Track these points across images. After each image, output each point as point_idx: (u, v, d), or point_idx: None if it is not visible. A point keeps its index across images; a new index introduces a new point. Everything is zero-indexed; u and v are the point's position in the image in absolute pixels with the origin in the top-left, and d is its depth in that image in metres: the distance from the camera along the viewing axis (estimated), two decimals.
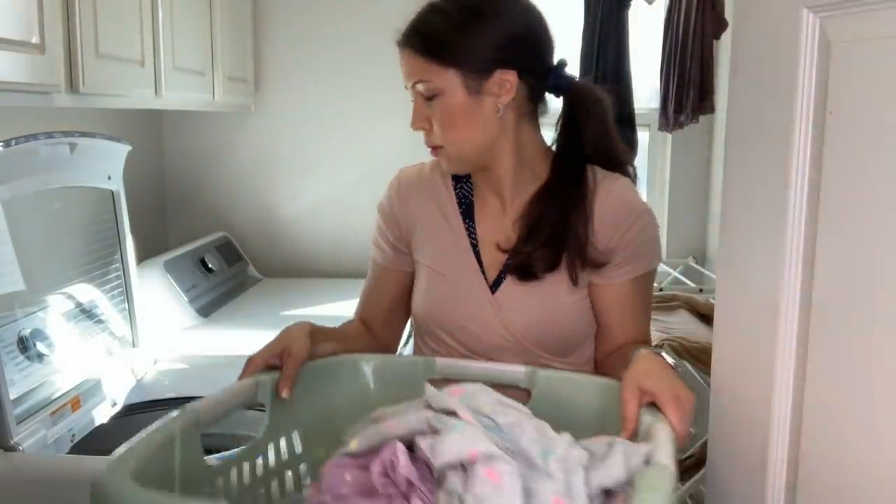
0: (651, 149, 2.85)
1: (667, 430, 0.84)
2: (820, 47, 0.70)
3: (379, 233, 1.29)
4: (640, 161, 2.67)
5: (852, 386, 0.69)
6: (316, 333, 1.09)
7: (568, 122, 1.19)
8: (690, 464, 1.93)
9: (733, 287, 0.85)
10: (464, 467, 0.78)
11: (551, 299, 1.15)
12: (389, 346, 1.32)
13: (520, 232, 1.17)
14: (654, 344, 1.91)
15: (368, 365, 1.11)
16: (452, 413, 0.84)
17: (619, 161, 1.21)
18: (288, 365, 1.01)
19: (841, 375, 0.70)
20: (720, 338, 0.88)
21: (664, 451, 0.79)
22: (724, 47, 2.39)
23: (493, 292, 1.18)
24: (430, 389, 0.94)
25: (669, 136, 2.72)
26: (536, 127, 1.20)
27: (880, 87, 0.64)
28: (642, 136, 2.57)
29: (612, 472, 0.79)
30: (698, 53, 2.14)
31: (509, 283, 1.17)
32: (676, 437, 0.83)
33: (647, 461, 0.79)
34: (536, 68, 1.14)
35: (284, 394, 1.00)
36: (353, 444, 0.87)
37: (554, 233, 1.14)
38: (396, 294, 1.28)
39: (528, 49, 1.12)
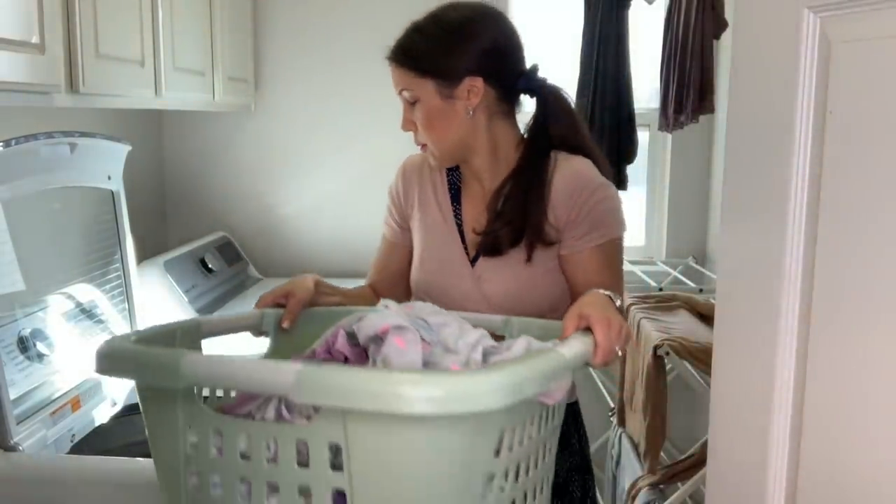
0: (651, 149, 2.85)
1: (584, 339, 0.94)
2: (820, 47, 0.70)
3: (388, 212, 1.47)
4: (640, 161, 2.67)
5: (852, 386, 0.69)
6: (321, 285, 1.27)
7: (537, 118, 1.36)
8: (690, 464, 1.93)
9: (733, 287, 0.85)
10: (382, 339, 0.92)
11: (522, 270, 1.29)
12: None
13: (489, 214, 1.32)
14: (654, 344, 1.91)
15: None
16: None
17: (587, 151, 1.34)
18: (291, 304, 1.19)
19: (841, 375, 0.70)
20: (720, 338, 0.88)
21: (567, 345, 0.90)
22: (724, 47, 2.39)
23: (472, 266, 1.34)
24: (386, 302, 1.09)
25: (669, 136, 2.72)
26: (511, 123, 1.35)
27: (880, 87, 0.64)
28: (642, 136, 2.57)
29: (511, 353, 0.94)
30: (698, 53, 2.13)
31: (483, 259, 1.33)
32: (599, 350, 0.95)
33: None
34: (503, 75, 1.30)
35: (285, 324, 1.18)
36: (315, 344, 1.04)
37: (515, 213, 1.29)
38: (401, 266, 1.44)
39: (493, 59, 1.28)
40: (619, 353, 1.00)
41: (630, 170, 2.49)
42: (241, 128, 2.78)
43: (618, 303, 1.09)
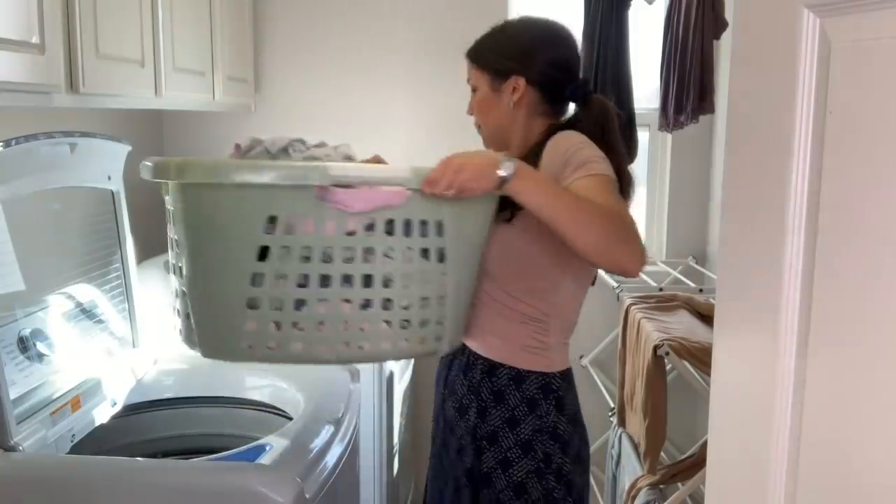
0: (651, 149, 2.85)
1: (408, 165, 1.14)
2: (820, 47, 0.70)
3: None
4: (640, 161, 2.67)
5: (853, 386, 0.69)
6: None
7: (570, 118, 1.51)
8: (690, 464, 1.93)
9: (733, 287, 0.85)
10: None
11: (503, 232, 1.38)
12: None
13: None
14: (654, 344, 1.91)
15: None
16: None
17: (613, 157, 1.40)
18: None
19: (841, 376, 0.70)
20: (720, 338, 0.88)
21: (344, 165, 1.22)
22: (724, 47, 2.39)
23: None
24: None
25: (669, 136, 2.72)
26: (548, 123, 1.50)
27: (880, 87, 0.64)
28: (642, 136, 2.57)
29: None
30: (698, 53, 2.13)
31: (499, 226, 1.38)
32: (425, 173, 1.14)
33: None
34: (546, 80, 1.47)
35: None
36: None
37: None
38: None
39: (538, 66, 1.47)
40: (444, 188, 1.14)
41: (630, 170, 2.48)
42: (241, 128, 2.78)
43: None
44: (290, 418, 1.62)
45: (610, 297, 2.66)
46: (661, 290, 2.42)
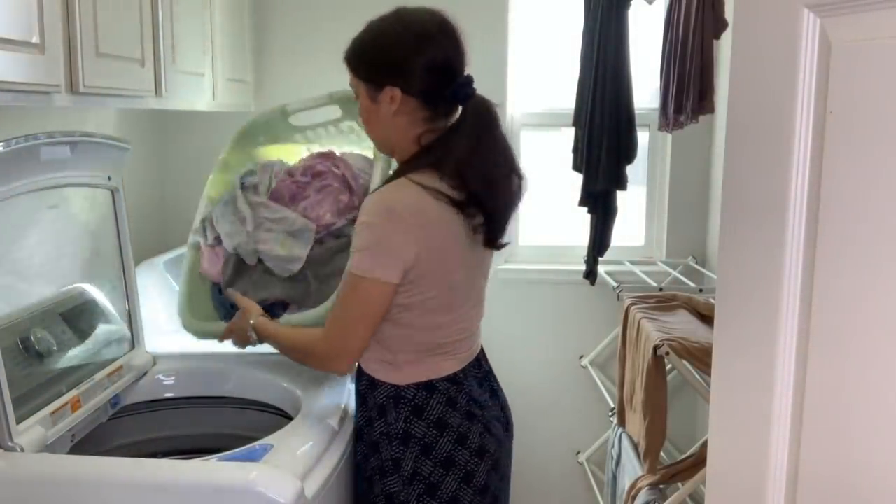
0: (651, 149, 2.85)
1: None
2: (820, 47, 0.70)
3: None
4: (640, 161, 2.66)
5: (852, 386, 0.69)
6: None
7: (450, 129, 1.45)
8: (690, 464, 1.93)
9: (733, 287, 0.85)
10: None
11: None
12: None
13: None
14: (654, 344, 1.91)
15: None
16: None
17: (477, 173, 1.42)
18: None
19: (841, 375, 0.70)
20: (720, 338, 0.88)
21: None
22: (724, 47, 2.39)
23: None
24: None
25: (669, 136, 2.72)
26: (431, 128, 1.46)
27: (880, 87, 0.64)
28: (642, 136, 2.57)
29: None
30: (698, 53, 2.13)
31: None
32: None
33: None
34: (422, 86, 1.42)
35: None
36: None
37: None
38: None
39: (411, 74, 1.42)
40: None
41: (630, 170, 2.49)
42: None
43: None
44: (290, 418, 1.62)
45: (610, 297, 2.66)
46: (661, 290, 2.42)
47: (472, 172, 1.41)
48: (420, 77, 1.42)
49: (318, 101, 1.85)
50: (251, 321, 1.60)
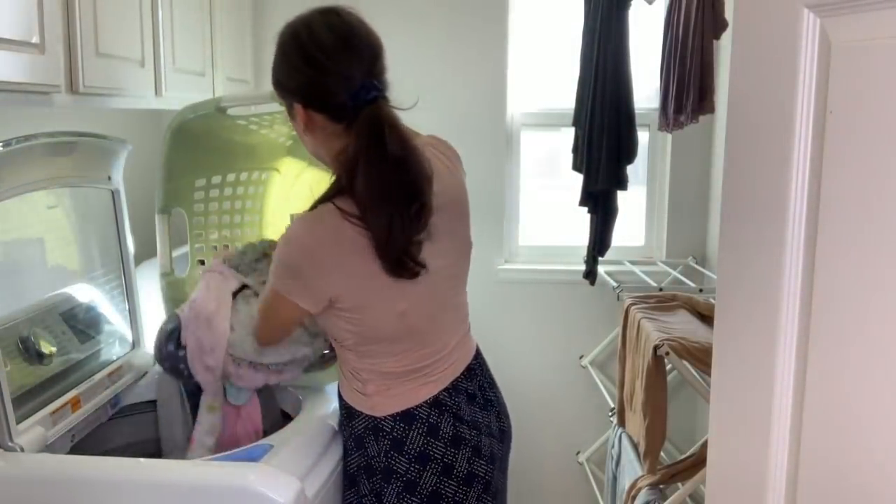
0: (651, 149, 2.85)
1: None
2: (820, 47, 0.70)
3: None
4: (640, 161, 2.66)
5: (852, 386, 0.69)
6: None
7: (348, 150, 1.32)
8: (690, 464, 1.93)
9: (733, 287, 0.85)
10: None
11: None
12: None
13: None
14: (654, 344, 1.91)
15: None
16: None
17: (378, 193, 1.30)
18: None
19: (841, 375, 0.70)
20: (720, 338, 0.88)
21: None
22: (725, 47, 2.39)
23: None
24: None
25: (669, 136, 2.72)
26: (346, 141, 1.33)
27: (880, 87, 0.64)
28: (642, 136, 2.57)
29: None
30: (698, 53, 2.13)
31: None
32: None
33: None
34: (320, 102, 1.35)
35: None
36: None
37: None
38: None
39: (298, 89, 1.37)
40: None
41: (630, 170, 2.48)
42: None
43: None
44: (290, 418, 1.62)
45: (610, 297, 2.66)
46: (661, 290, 2.42)
47: (359, 189, 1.28)
48: (309, 88, 1.35)
49: (258, 100, 1.75)
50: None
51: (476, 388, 1.49)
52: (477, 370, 1.52)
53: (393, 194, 1.29)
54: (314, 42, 1.34)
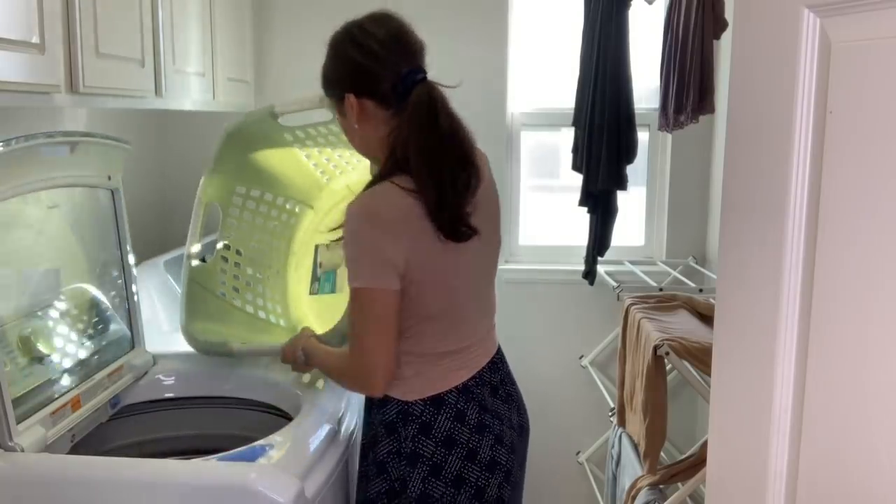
0: (651, 149, 2.85)
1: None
2: (820, 47, 0.70)
3: None
4: (640, 161, 2.67)
5: (852, 386, 0.69)
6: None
7: (400, 127, 1.41)
8: (690, 464, 1.93)
9: (733, 287, 0.85)
10: None
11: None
12: None
13: None
14: (654, 344, 1.91)
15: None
16: None
17: (435, 168, 1.39)
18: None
19: (841, 375, 0.70)
20: (720, 338, 0.88)
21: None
22: (725, 47, 2.39)
23: None
24: None
25: (669, 136, 2.72)
26: (392, 126, 1.43)
27: (880, 87, 0.64)
28: (642, 136, 2.57)
29: None
30: (698, 53, 2.13)
31: None
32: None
33: None
34: (364, 84, 1.43)
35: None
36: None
37: None
38: None
39: (350, 77, 1.45)
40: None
41: (630, 170, 2.49)
42: None
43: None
44: (290, 418, 1.62)
45: (610, 297, 2.66)
46: (661, 290, 2.42)
47: (413, 160, 1.37)
48: (363, 75, 1.43)
49: (307, 104, 1.82)
50: (302, 343, 1.60)
51: (498, 381, 1.56)
52: (500, 364, 1.58)
53: (445, 162, 1.39)
54: (366, 34, 1.44)
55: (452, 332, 1.47)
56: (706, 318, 2.18)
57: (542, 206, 2.94)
